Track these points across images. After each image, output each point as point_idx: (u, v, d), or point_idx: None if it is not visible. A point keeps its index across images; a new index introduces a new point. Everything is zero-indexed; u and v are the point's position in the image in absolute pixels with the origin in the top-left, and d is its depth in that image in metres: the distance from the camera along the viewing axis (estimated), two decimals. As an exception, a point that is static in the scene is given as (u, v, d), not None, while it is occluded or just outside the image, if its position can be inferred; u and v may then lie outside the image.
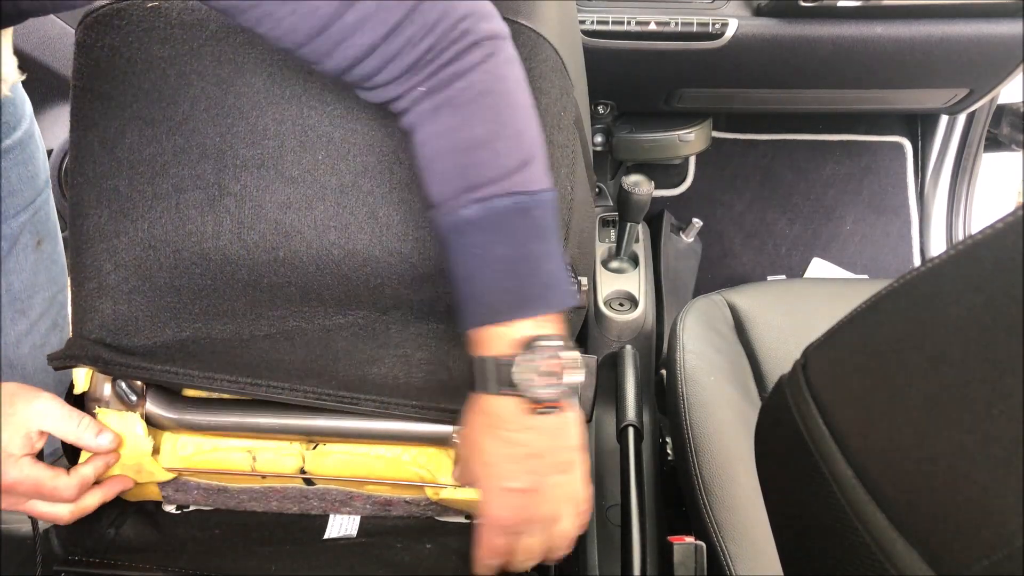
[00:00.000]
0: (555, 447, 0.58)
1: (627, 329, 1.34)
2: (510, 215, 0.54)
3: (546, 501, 0.58)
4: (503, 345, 0.55)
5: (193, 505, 0.77)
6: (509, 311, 0.55)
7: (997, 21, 1.21)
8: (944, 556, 0.34)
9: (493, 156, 0.54)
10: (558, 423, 0.58)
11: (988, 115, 1.67)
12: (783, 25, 1.22)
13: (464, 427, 0.61)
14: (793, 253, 1.82)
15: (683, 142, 1.58)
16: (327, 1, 0.51)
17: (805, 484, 0.45)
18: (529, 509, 0.58)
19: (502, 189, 0.54)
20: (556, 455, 0.58)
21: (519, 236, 0.55)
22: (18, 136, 0.84)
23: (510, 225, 0.54)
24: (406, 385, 0.67)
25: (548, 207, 0.56)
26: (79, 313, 0.67)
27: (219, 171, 0.63)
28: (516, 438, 0.56)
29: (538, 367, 0.54)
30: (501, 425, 0.57)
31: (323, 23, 0.52)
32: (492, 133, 0.54)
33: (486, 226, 0.54)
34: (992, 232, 0.33)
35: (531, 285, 0.55)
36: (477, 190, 0.54)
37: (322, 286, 0.64)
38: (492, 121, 0.54)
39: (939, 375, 0.35)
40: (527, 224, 0.55)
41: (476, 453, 0.59)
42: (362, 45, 0.53)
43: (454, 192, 0.55)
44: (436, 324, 0.67)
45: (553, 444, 0.58)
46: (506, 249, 0.55)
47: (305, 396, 0.66)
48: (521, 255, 0.55)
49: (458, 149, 0.55)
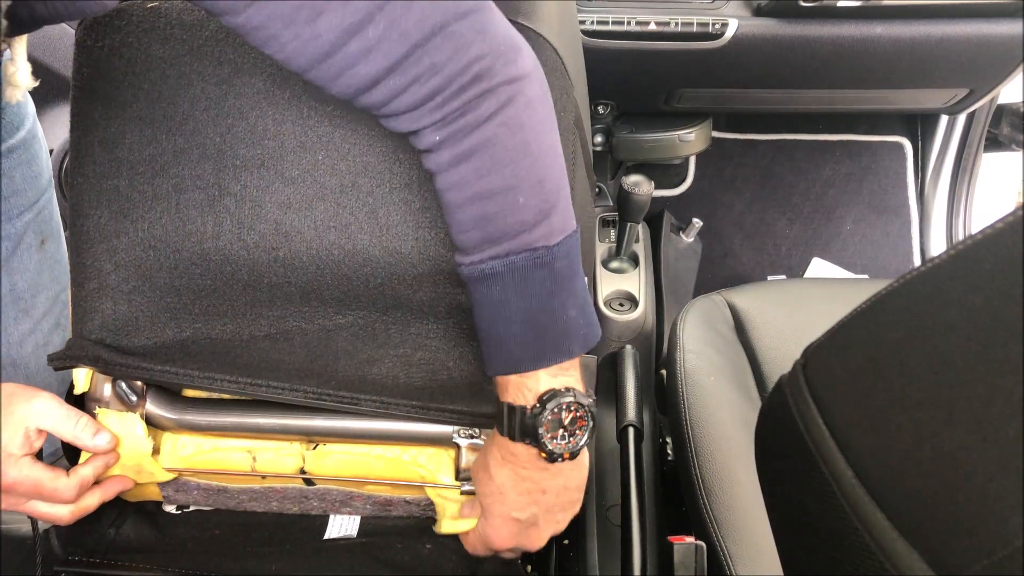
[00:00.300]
0: (562, 488, 0.63)
1: (627, 329, 1.34)
2: (530, 271, 0.55)
3: (540, 534, 0.65)
4: (523, 395, 0.58)
5: (193, 505, 0.77)
6: (530, 363, 0.57)
7: (997, 21, 1.21)
8: (944, 556, 0.34)
9: (512, 210, 0.54)
10: (569, 468, 0.62)
11: (988, 115, 1.67)
12: (783, 25, 1.22)
13: (481, 456, 0.65)
14: (793, 253, 1.82)
15: (683, 142, 1.58)
16: (330, 28, 0.50)
17: (805, 484, 0.45)
18: (523, 538, 0.65)
19: (522, 245, 0.55)
20: (561, 496, 0.63)
21: (538, 290, 0.56)
22: (21, 136, 0.84)
23: (530, 280, 0.55)
24: (406, 385, 0.68)
25: (570, 254, 0.57)
26: (79, 313, 0.67)
27: (219, 171, 0.63)
28: (529, 475, 0.61)
29: (555, 421, 0.58)
30: (517, 463, 0.61)
31: (326, 50, 0.51)
32: (509, 187, 0.54)
33: (506, 281, 0.55)
34: (992, 232, 0.33)
35: (550, 337, 0.57)
36: (497, 245, 0.55)
37: (322, 286, 0.64)
38: (509, 174, 0.54)
39: (939, 375, 0.35)
40: (547, 277, 0.56)
41: (489, 481, 0.63)
42: (366, 76, 0.52)
43: (474, 244, 0.56)
44: (436, 324, 0.67)
45: (561, 486, 0.63)
46: (526, 303, 0.56)
47: (305, 396, 0.66)
48: (541, 308, 0.56)
49: (475, 202, 0.55)
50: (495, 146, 0.53)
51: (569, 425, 0.58)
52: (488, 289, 0.56)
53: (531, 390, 0.58)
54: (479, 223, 0.55)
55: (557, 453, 0.58)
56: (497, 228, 0.55)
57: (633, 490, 0.76)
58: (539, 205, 0.55)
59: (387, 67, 0.52)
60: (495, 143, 0.53)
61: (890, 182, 1.85)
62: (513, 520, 0.63)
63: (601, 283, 1.38)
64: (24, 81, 0.64)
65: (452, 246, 0.60)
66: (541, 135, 0.56)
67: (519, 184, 0.54)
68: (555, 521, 0.65)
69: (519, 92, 0.54)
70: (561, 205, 0.57)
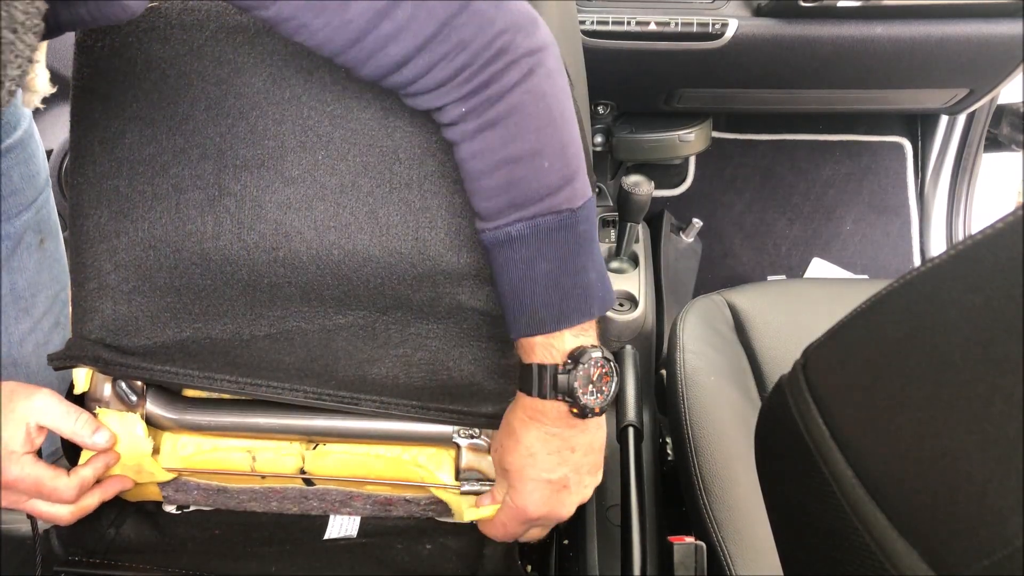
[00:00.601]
0: (588, 447, 0.63)
1: (627, 329, 1.34)
2: (554, 232, 0.56)
3: (571, 498, 0.64)
4: (551, 354, 0.59)
5: (193, 505, 0.77)
6: (554, 323, 0.58)
7: (997, 21, 1.21)
8: (944, 556, 0.34)
9: (538, 174, 0.56)
10: (595, 425, 0.63)
11: (988, 115, 1.67)
12: (783, 25, 1.22)
13: (505, 424, 0.64)
14: (793, 253, 1.82)
15: (683, 142, 1.58)
16: (361, 13, 0.51)
17: (805, 484, 0.45)
18: (555, 502, 0.64)
19: (547, 207, 0.56)
20: (588, 455, 0.64)
21: (563, 252, 0.57)
22: (18, 135, 0.84)
23: (554, 242, 0.57)
24: (406, 385, 0.68)
25: (591, 218, 0.59)
26: (79, 313, 0.67)
27: (219, 171, 0.63)
28: (558, 432, 0.61)
29: (585, 376, 0.59)
30: (547, 421, 0.61)
31: (357, 35, 0.52)
32: (535, 151, 0.55)
33: (531, 243, 0.56)
34: (992, 232, 0.33)
35: (574, 298, 0.58)
36: (523, 208, 0.56)
37: (322, 286, 0.64)
38: (535, 140, 0.55)
39: (939, 375, 0.35)
40: (571, 239, 0.57)
41: (517, 445, 0.62)
42: (396, 56, 0.53)
43: (499, 209, 0.57)
44: (436, 324, 0.67)
45: (588, 443, 0.63)
46: (550, 265, 0.57)
47: (305, 396, 0.66)
48: (564, 270, 0.57)
49: (502, 167, 0.56)
50: (520, 113, 0.55)
51: (597, 381, 0.59)
52: (513, 252, 0.57)
53: (558, 349, 0.59)
54: (505, 188, 0.56)
55: (590, 407, 0.59)
56: (523, 192, 0.56)
57: (633, 490, 0.76)
58: (562, 170, 0.56)
59: (417, 46, 0.53)
60: (520, 110, 0.55)
61: (890, 182, 1.85)
62: (545, 482, 0.63)
63: (601, 283, 1.38)
64: (43, 87, 0.64)
65: (452, 245, 0.60)
66: (562, 102, 0.57)
67: (544, 149, 0.55)
68: (583, 485, 0.65)
69: (539, 63, 0.56)
70: (582, 170, 0.58)
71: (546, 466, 0.63)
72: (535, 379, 0.60)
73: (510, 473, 0.64)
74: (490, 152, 0.56)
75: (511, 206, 0.56)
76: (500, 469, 0.66)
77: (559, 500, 0.64)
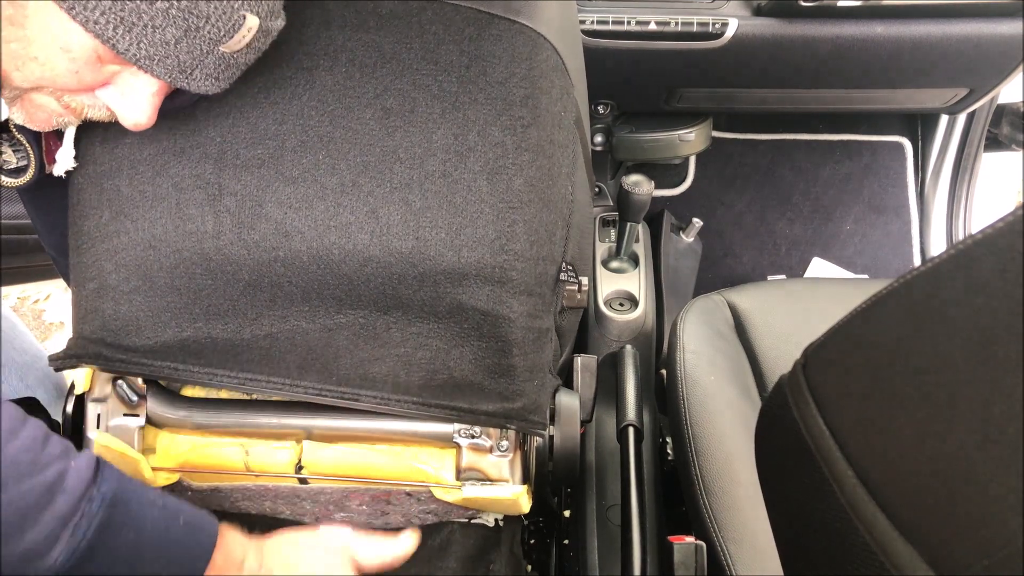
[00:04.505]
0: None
1: (627, 329, 1.34)
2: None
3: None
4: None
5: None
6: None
7: (997, 21, 1.21)
8: (944, 556, 0.34)
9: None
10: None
11: (988, 115, 1.67)
12: (783, 25, 1.22)
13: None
14: (793, 253, 1.82)
15: (683, 142, 1.58)
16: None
17: (805, 484, 0.45)
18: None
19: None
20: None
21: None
22: None
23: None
24: (406, 383, 0.68)
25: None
26: (79, 313, 0.67)
27: (219, 171, 0.63)
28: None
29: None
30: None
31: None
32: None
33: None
34: (992, 232, 0.33)
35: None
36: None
37: (322, 285, 0.64)
38: None
39: (939, 375, 0.35)
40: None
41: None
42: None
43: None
44: (436, 324, 0.67)
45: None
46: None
47: (305, 392, 0.66)
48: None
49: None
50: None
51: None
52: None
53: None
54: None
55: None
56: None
57: (633, 490, 0.76)
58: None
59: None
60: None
61: (890, 182, 1.85)
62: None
63: (601, 283, 1.38)
64: (66, 163, 0.65)
65: (453, 245, 0.59)
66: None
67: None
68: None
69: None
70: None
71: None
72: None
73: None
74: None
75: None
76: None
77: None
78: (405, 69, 0.65)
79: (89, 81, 0.54)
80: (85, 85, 0.54)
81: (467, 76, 0.65)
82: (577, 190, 0.74)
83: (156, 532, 0.55)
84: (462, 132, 0.64)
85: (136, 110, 0.56)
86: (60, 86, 0.54)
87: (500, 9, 0.66)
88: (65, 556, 0.50)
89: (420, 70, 0.65)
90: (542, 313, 0.68)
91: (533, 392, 0.69)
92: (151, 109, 0.57)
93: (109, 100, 0.56)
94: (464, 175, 0.63)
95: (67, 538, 0.50)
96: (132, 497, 0.55)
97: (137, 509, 0.55)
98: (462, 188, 0.63)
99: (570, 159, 0.71)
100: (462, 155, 0.63)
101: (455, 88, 0.64)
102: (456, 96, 0.64)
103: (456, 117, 0.64)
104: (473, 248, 0.64)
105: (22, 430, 0.52)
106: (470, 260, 0.63)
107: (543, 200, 0.66)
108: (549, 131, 0.67)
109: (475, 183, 0.63)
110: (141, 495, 0.56)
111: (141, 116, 0.57)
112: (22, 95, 0.55)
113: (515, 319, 0.65)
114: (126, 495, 0.55)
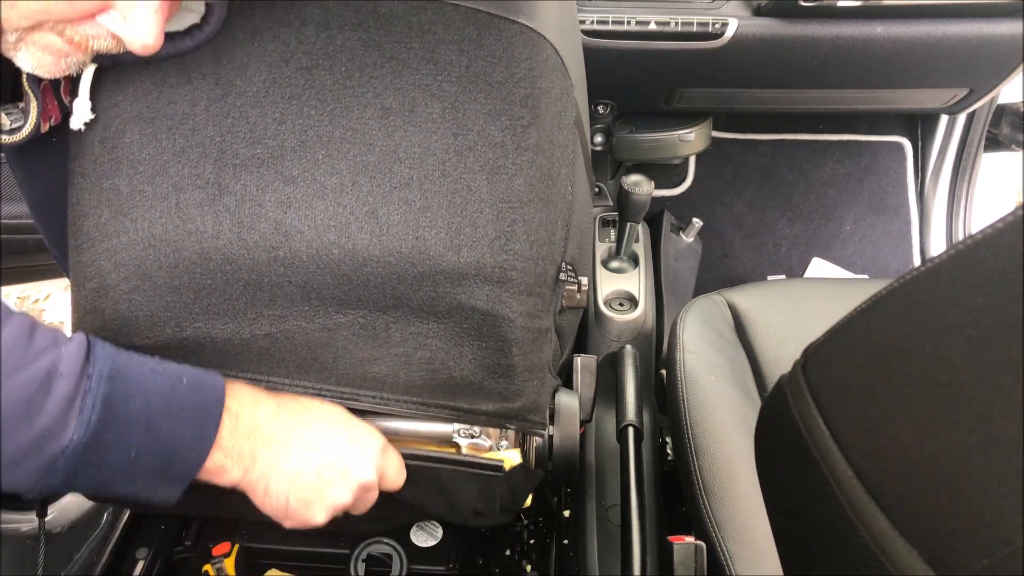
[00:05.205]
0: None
1: (627, 329, 1.34)
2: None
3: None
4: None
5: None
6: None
7: (997, 21, 1.21)
8: (944, 556, 0.34)
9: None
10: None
11: (988, 115, 1.67)
12: (783, 25, 1.22)
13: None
14: (793, 253, 1.82)
15: (683, 142, 1.58)
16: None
17: (805, 484, 0.45)
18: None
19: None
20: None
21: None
22: None
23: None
24: (406, 383, 0.68)
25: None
26: (79, 313, 0.67)
27: (219, 170, 0.63)
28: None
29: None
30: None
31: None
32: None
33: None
34: (992, 232, 0.33)
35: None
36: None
37: (322, 285, 0.64)
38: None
39: (939, 375, 0.35)
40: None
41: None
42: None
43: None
44: (436, 324, 0.67)
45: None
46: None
47: (305, 392, 0.66)
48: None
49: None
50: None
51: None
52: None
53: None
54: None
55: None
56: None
57: (633, 490, 0.76)
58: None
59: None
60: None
61: (890, 182, 1.85)
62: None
63: (601, 283, 1.38)
64: (83, 114, 0.65)
65: (452, 245, 0.59)
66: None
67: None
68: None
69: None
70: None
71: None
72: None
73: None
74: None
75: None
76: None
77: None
78: (405, 69, 0.65)
79: (85, 5, 0.53)
80: (82, 12, 0.54)
81: (467, 76, 0.65)
82: (577, 190, 0.74)
83: (161, 396, 0.58)
84: (462, 132, 0.64)
85: (141, 31, 0.55)
86: (57, 16, 0.54)
87: (500, 9, 0.66)
88: (80, 434, 0.53)
89: (420, 70, 0.65)
90: (542, 313, 0.68)
91: (533, 392, 0.69)
92: (156, 28, 0.56)
93: (112, 25, 0.55)
94: (464, 175, 0.63)
95: (76, 416, 0.53)
96: (131, 368, 0.58)
97: (138, 377, 0.58)
98: (462, 188, 0.63)
99: (570, 159, 0.71)
100: (462, 155, 0.63)
101: (455, 88, 0.64)
102: (456, 96, 0.64)
103: (456, 117, 0.64)
104: (473, 248, 0.64)
105: (7, 325, 0.53)
106: (470, 260, 0.63)
107: (543, 200, 0.66)
108: (549, 131, 0.67)
109: (475, 183, 0.63)
110: (140, 365, 0.59)
111: (148, 37, 0.56)
112: (24, 37, 0.55)
113: (515, 319, 0.65)
114: (125, 368, 0.57)
